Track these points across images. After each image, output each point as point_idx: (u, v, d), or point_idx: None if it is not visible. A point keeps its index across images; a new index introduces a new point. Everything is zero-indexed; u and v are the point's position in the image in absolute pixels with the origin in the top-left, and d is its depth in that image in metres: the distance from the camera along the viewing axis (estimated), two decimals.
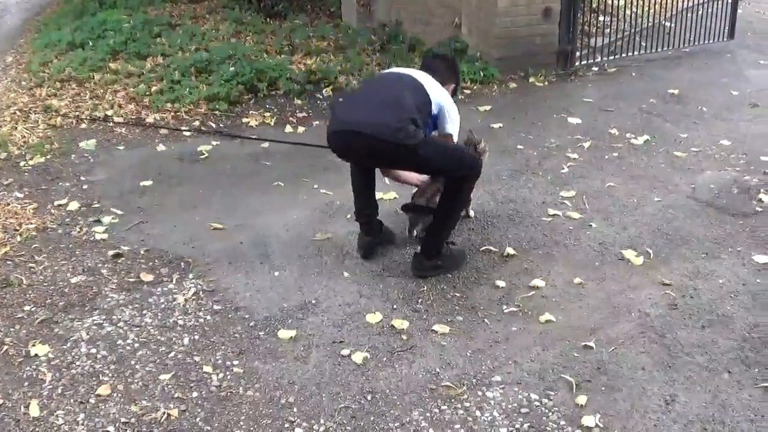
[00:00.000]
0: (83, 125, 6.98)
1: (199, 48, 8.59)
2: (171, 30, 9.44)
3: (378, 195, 4.87)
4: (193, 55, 8.26)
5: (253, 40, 9.09)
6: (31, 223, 5.22)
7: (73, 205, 5.45)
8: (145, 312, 4.23)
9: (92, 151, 6.39)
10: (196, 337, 4.02)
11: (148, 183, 5.78)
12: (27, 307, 4.31)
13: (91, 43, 8.93)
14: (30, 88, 8.05)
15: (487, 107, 7.33)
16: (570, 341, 3.93)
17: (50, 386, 3.70)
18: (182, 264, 4.71)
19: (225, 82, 7.45)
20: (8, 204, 5.51)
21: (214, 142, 6.52)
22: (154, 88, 7.55)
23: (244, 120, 7.04)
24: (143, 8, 10.48)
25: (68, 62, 8.48)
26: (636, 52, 9.01)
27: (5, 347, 3.96)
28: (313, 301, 4.32)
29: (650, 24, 9.51)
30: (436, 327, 4.06)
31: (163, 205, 5.45)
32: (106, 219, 5.23)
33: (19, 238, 5.03)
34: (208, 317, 4.18)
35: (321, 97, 7.56)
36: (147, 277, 4.55)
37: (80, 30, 9.42)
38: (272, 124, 7.01)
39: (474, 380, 3.66)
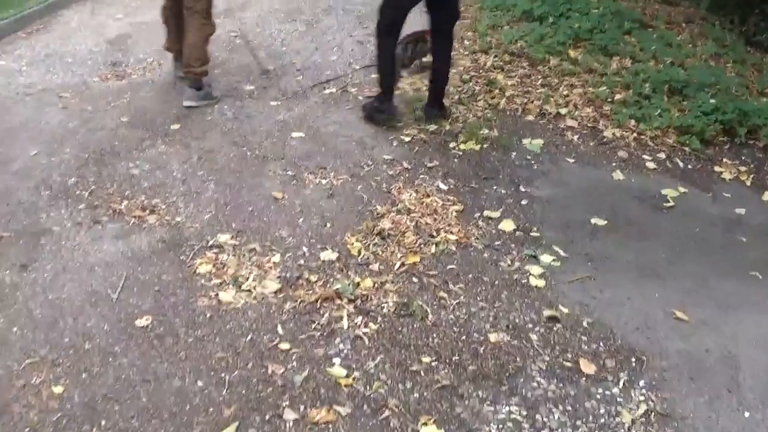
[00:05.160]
0: (530, 116, 6.00)
1: (674, 63, 7.28)
2: (643, 30, 8.26)
3: None
4: (667, 69, 7.04)
5: (733, 69, 7.62)
6: (452, 233, 4.41)
7: (507, 225, 4.54)
8: (578, 423, 3.27)
9: (536, 155, 5.46)
10: None
11: (601, 222, 4.72)
12: (426, 359, 3.43)
13: (551, 20, 8.03)
14: (473, 51, 7.40)
15: None
16: None
17: None
18: (633, 360, 3.65)
19: (702, 115, 6.16)
20: (428, 195, 4.74)
21: (681, 188, 5.26)
22: (617, 96, 6.48)
23: (716, 169, 5.72)
24: None
25: (522, 34, 7.73)
26: None
27: (387, 412, 3.15)
28: None
29: None
30: None
31: (615, 259, 4.36)
32: (546, 258, 4.26)
33: (433, 249, 4.23)
34: None
35: None
36: (587, 367, 3.53)
37: (540, 1, 8.54)
38: (748, 183, 5.62)
39: None
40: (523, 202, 4.90)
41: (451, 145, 5.53)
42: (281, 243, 4.27)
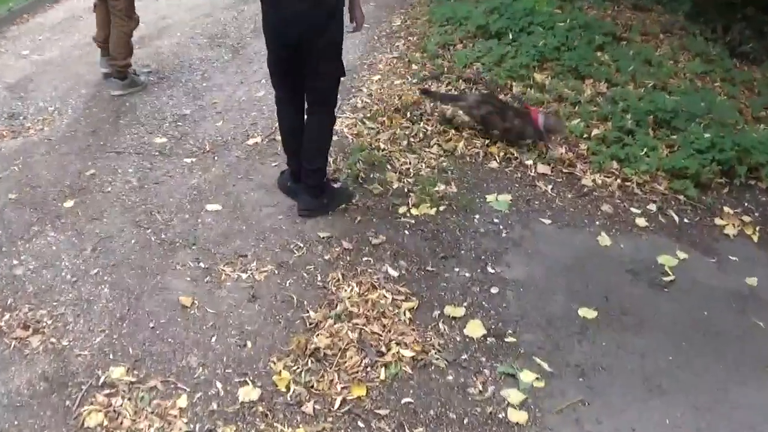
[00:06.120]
0: (493, 162, 5.08)
1: (657, 86, 6.37)
2: (616, 44, 7.32)
3: None
4: (650, 94, 6.11)
5: (722, 89, 6.71)
6: (406, 345, 3.45)
7: (475, 328, 3.66)
8: None
9: (505, 215, 4.58)
10: None
11: (591, 314, 3.87)
12: None
13: (511, 37, 7.05)
14: (423, 79, 6.31)
15: None
16: None
17: None
18: None
19: (696, 153, 5.24)
20: (374, 287, 3.82)
21: (680, 253, 4.36)
22: (594, 131, 5.57)
23: (717, 222, 4.84)
24: (579, 3, 8.38)
25: (478, 54, 6.81)
26: None
27: None
28: None
29: None
30: None
31: (612, 370, 3.52)
32: (526, 377, 3.39)
33: (383, 374, 3.28)
34: None
35: None
36: None
37: (497, 14, 7.54)
38: (755, 239, 4.75)
39: None
40: (493, 291, 3.99)
41: (401, 210, 4.61)
42: (189, 376, 3.34)
